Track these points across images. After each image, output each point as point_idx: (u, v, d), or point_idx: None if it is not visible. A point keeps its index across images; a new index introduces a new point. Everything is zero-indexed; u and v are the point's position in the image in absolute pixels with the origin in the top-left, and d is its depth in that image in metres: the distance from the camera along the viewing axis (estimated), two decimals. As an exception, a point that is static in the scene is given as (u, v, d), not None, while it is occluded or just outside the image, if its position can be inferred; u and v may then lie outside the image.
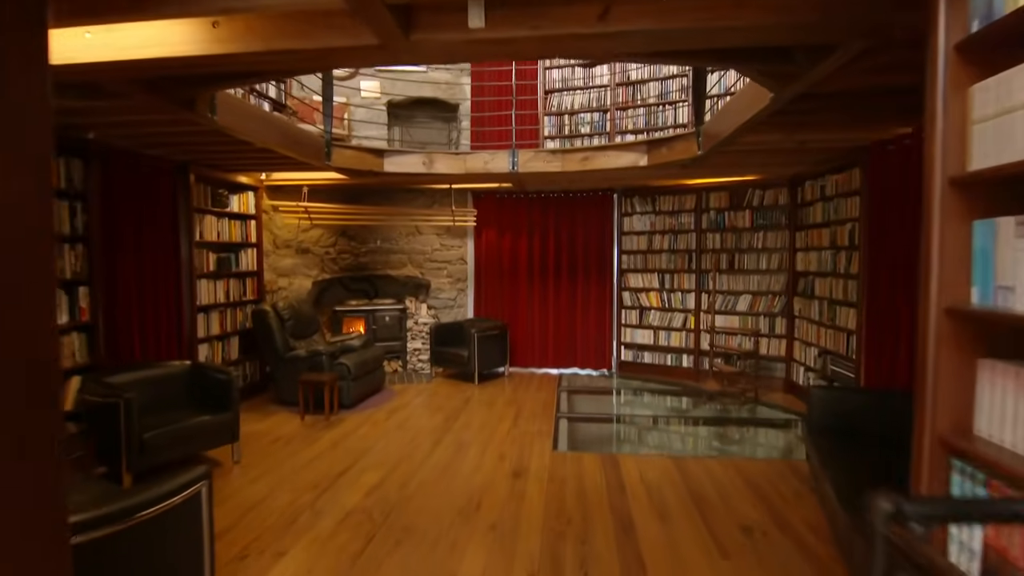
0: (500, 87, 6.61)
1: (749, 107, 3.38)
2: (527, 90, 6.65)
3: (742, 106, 3.51)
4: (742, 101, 3.52)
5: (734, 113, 3.67)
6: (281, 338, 5.33)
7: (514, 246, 6.99)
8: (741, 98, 3.55)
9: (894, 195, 3.84)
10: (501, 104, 6.66)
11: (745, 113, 3.45)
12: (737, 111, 3.60)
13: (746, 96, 3.45)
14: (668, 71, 6.21)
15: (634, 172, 5.41)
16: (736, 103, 3.63)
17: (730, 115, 3.75)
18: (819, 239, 5.13)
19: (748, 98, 3.41)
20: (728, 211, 6.09)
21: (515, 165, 5.33)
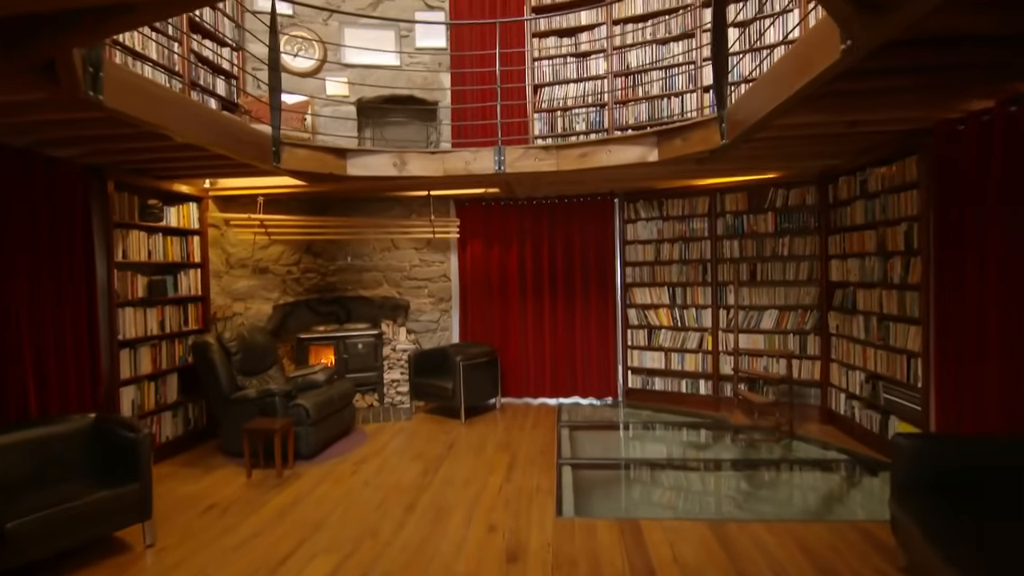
0: (483, 77, 5.85)
1: (796, 75, 2.61)
2: (514, 84, 5.88)
3: (784, 77, 2.74)
4: (785, 70, 2.75)
5: (772, 88, 2.90)
6: (226, 375, 4.45)
7: (503, 260, 6.18)
8: (783, 68, 2.77)
9: (973, 186, 3.07)
10: (485, 97, 5.89)
11: (789, 84, 2.68)
12: (777, 85, 2.83)
13: (790, 64, 2.69)
14: (674, 58, 5.48)
15: (642, 170, 4.64)
16: (776, 75, 2.86)
17: (767, 91, 2.98)
18: (861, 244, 4.36)
19: (793, 66, 2.64)
20: (747, 214, 5.32)
21: (501, 164, 4.54)
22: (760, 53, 4.95)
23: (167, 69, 4.46)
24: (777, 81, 2.84)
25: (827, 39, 2.25)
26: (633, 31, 5.69)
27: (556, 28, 5.91)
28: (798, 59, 2.57)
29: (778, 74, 2.81)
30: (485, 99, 5.92)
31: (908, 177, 3.73)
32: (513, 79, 5.89)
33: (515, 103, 5.81)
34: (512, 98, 5.87)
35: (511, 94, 5.87)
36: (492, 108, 5.79)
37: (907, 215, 3.76)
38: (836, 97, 2.88)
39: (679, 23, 5.48)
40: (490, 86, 5.24)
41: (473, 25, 5.92)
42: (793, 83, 2.65)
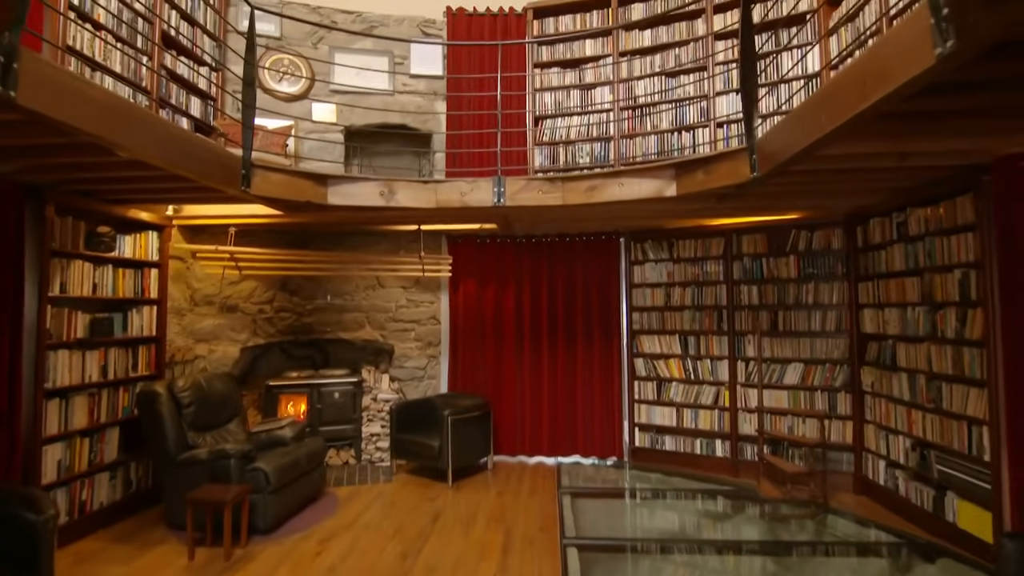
0: (481, 105, 5.49)
1: (860, 93, 2.19)
2: (513, 116, 5.52)
3: (842, 96, 2.32)
4: (843, 88, 2.34)
5: (823, 110, 2.49)
6: (175, 432, 3.81)
7: (499, 302, 5.66)
8: (842, 86, 2.36)
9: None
10: (482, 126, 5.51)
11: (849, 104, 2.26)
12: (831, 106, 2.42)
13: (852, 81, 2.28)
14: (684, 90, 5.16)
15: (656, 207, 4.21)
16: (831, 95, 2.45)
17: (814, 115, 2.57)
18: (900, 292, 3.90)
19: (857, 82, 2.23)
20: (767, 258, 4.89)
21: (501, 196, 4.09)
22: (789, 87, 4.64)
23: (132, 84, 4.02)
24: (830, 102, 2.42)
25: (914, 44, 1.83)
26: (640, 63, 5.39)
27: (559, 59, 5.61)
28: (866, 73, 2.15)
29: (833, 94, 2.40)
30: (483, 128, 5.55)
31: (962, 218, 3.31)
32: (512, 120, 5.53)
33: (514, 131, 5.43)
34: (511, 131, 5.49)
35: (510, 126, 5.50)
36: (490, 138, 5.42)
37: (961, 261, 3.32)
38: (898, 121, 2.47)
39: (689, 54, 5.19)
40: (490, 111, 4.85)
41: (472, 53, 5.61)
42: (856, 102, 2.22)
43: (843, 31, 4.39)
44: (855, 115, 2.26)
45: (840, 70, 2.32)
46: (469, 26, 5.69)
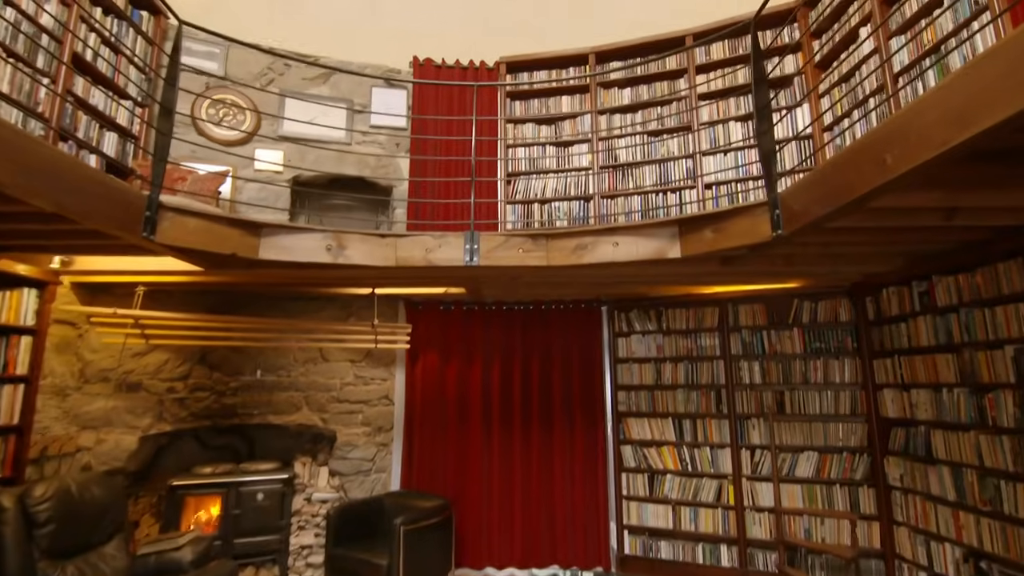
0: (447, 161, 4.97)
1: (947, 130, 1.73)
2: (484, 171, 5.03)
3: (922, 133, 1.86)
4: (918, 127, 1.87)
5: (884, 153, 2.02)
6: (17, 563, 2.74)
7: (464, 379, 4.88)
8: (915, 121, 1.90)
9: None
10: (449, 184, 4.97)
11: (930, 143, 1.80)
12: (902, 146, 1.95)
13: (927, 113, 1.82)
14: (667, 149, 4.81)
15: (653, 271, 3.66)
16: (895, 134, 1.98)
17: (872, 158, 2.10)
18: (932, 371, 3.42)
19: (938, 115, 1.78)
20: (767, 330, 4.38)
21: (474, 255, 3.44)
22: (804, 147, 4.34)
23: (22, 107, 3.26)
24: (902, 138, 1.95)
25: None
26: (621, 120, 5.06)
27: (534, 115, 5.23)
28: (966, 97, 1.69)
29: (907, 127, 1.93)
30: (450, 185, 5.00)
31: (1008, 287, 2.89)
32: (483, 170, 5.05)
33: (485, 185, 4.90)
34: (481, 190, 4.98)
35: (480, 184, 4.99)
36: (457, 192, 4.88)
37: (1013, 336, 2.86)
38: (983, 164, 2.02)
39: (672, 113, 4.90)
40: (460, 158, 4.32)
41: (439, 104, 5.16)
42: (946, 136, 1.75)
43: (836, 91, 4.18)
44: (943, 152, 1.77)
45: (919, 98, 1.86)
46: (437, 77, 5.28)
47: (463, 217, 4.86)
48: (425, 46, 5.39)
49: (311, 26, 5.21)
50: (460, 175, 4.97)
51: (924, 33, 3.35)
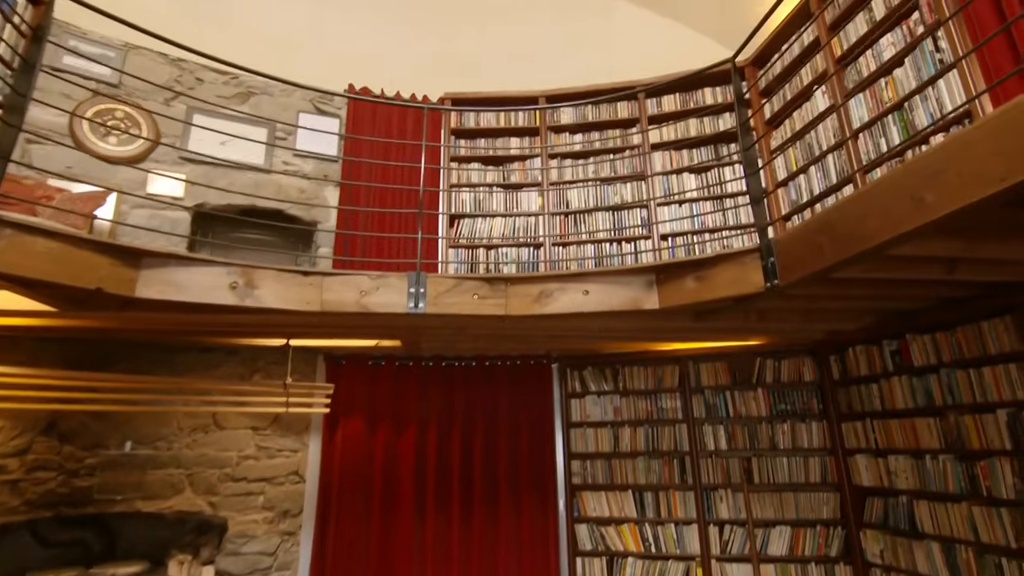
0: (383, 196, 4.44)
1: (1009, 164, 1.49)
2: (425, 213, 4.53)
3: (975, 167, 1.61)
4: (973, 159, 1.63)
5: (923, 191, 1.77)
6: None
7: (394, 449, 4.14)
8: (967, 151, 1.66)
9: None
10: (384, 219, 4.41)
11: (984, 180, 1.55)
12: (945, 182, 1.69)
13: (981, 143, 1.59)
14: (621, 196, 4.58)
15: (627, 324, 3.27)
16: (937, 169, 1.73)
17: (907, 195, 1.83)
18: (909, 436, 3.20)
19: (998, 145, 1.54)
20: (731, 391, 4.08)
21: (420, 300, 2.87)
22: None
23: None
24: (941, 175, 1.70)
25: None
26: (572, 168, 4.80)
27: (480, 155, 4.86)
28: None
29: (953, 158, 1.67)
30: (386, 222, 4.44)
31: (996, 347, 2.74)
32: (426, 208, 4.55)
33: (425, 221, 4.39)
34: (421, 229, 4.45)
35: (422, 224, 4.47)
36: (396, 228, 4.33)
37: (1005, 399, 2.68)
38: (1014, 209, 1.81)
39: (625, 159, 4.71)
40: (410, 187, 3.81)
41: (376, 134, 4.66)
42: (1008, 170, 1.49)
43: (792, 150, 4.16)
44: (1001, 190, 1.52)
45: (969, 128, 1.61)
46: (375, 109, 4.81)
47: (402, 256, 4.29)
48: (363, 75, 4.94)
49: (237, 42, 4.59)
50: (394, 217, 4.44)
51: (884, 91, 3.36)
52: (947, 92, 2.94)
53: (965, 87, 2.81)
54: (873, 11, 3.42)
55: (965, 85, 2.83)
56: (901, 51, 3.22)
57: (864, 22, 3.49)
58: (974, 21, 2.78)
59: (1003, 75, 2.67)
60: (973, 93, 2.77)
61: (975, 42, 2.78)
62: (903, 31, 3.23)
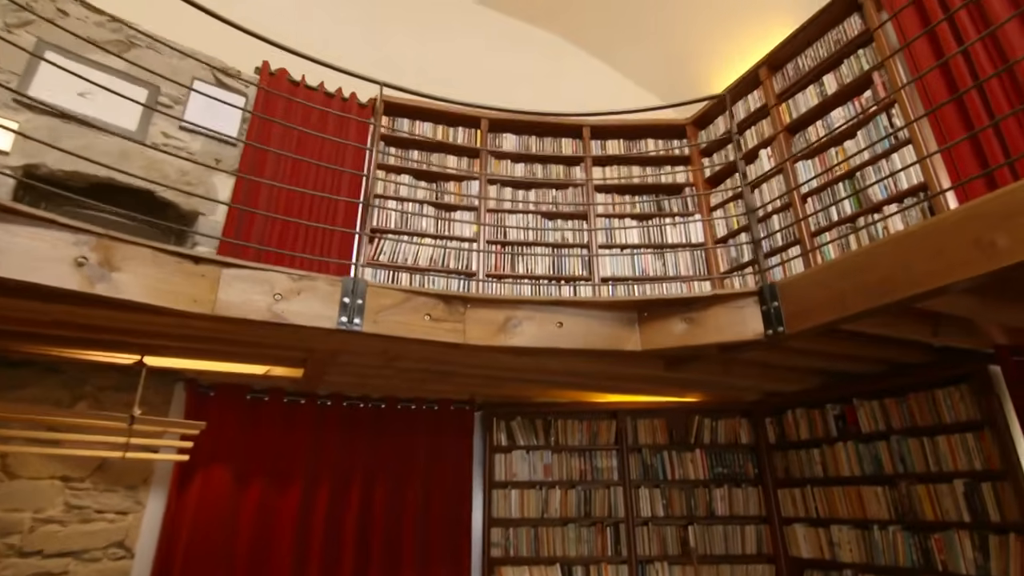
0: (290, 196, 3.68)
1: None
2: (341, 221, 3.84)
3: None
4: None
5: (993, 233, 1.62)
6: None
7: (268, 512, 3.20)
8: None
9: None
10: (287, 226, 3.63)
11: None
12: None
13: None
14: (562, 235, 4.28)
15: (594, 367, 2.83)
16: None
17: (965, 239, 1.68)
18: (855, 505, 3.10)
19: None
20: (669, 450, 3.79)
21: (355, 314, 2.20)
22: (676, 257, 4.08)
23: None
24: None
25: None
26: (513, 196, 4.44)
27: (412, 167, 4.31)
28: None
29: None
30: (288, 233, 3.65)
31: (951, 416, 2.73)
32: (341, 217, 3.86)
33: (339, 231, 3.70)
34: (333, 245, 3.73)
35: (337, 237, 3.77)
36: (295, 233, 3.59)
37: (962, 469, 2.65)
38: None
39: (568, 199, 4.46)
40: (330, 194, 3.17)
41: (289, 128, 3.92)
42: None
43: (732, 206, 4.19)
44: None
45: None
46: (292, 93, 4.08)
47: (316, 264, 3.53)
48: (282, 56, 4.20)
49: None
50: (311, 211, 3.69)
51: (834, 159, 3.47)
52: (900, 162, 3.06)
53: (923, 167, 2.93)
54: (825, 85, 3.59)
55: (920, 159, 2.97)
56: (853, 124, 3.36)
57: (815, 95, 3.65)
58: (928, 95, 2.94)
59: (958, 150, 2.82)
60: (929, 166, 2.89)
61: (931, 116, 2.92)
62: (855, 106, 3.39)
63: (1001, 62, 2.60)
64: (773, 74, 3.98)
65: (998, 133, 2.61)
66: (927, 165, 2.90)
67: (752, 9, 4.16)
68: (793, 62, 3.83)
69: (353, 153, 4.13)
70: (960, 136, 2.78)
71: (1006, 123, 2.57)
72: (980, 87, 2.65)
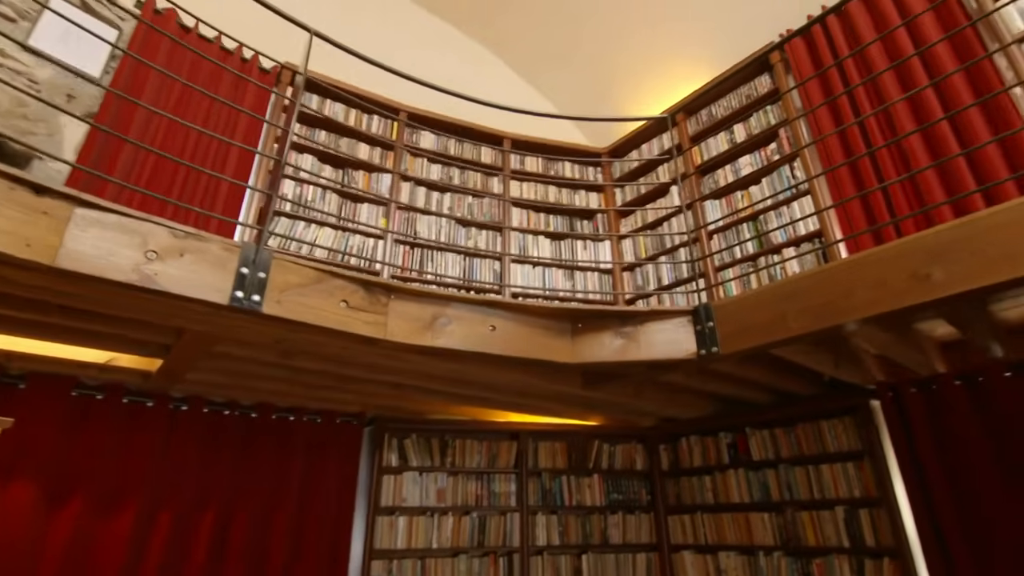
0: (158, 162, 3.07)
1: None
2: (229, 197, 3.27)
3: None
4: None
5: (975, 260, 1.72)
6: None
7: (87, 537, 2.48)
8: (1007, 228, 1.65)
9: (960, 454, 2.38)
10: (158, 187, 3.01)
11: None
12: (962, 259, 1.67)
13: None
14: (475, 243, 4.08)
15: (515, 378, 2.60)
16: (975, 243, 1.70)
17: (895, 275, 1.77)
18: (743, 531, 3.19)
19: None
20: (568, 475, 3.66)
21: (254, 289, 1.78)
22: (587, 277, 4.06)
23: None
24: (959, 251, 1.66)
25: None
26: (427, 196, 4.16)
27: (319, 147, 3.86)
28: None
29: (968, 240, 1.65)
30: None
31: (835, 446, 2.93)
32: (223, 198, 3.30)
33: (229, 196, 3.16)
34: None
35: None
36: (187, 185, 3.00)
37: (843, 497, 2.84)
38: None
39: (484, 210, 4.29)
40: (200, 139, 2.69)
41: (175, 67, 3.31)
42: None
43: (641, 238, 4.31)
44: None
45: (996, 209, 1.61)
46: (180, 37, 3.46)
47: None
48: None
49: None
50: (191, 189, 3.09)
51: (739, 202, 3.71)
52: (799, 211, 3.34)
53: (819, 217, 3.21)
54: (735, 134, 3.86)
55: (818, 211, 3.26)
56: (758, 172, 3.63)
57: (725, 141, 3.91)
58: (827, 154, 3.25)
59: (847, 199, 3.14)
60: (825, 217, 3.17)
61: (825, 167, 3.23)
62: (761, 156, 3.67)
63: (891, 133, 2.96)
64: (688, 117, 4.22)
65: (885, 194, 2.93)
66: (823, 216, 3.18)
67: (674, 55, 4.41)
68: (707, 109, 4.09)
69: (249, 125, 3.58)
70: (852, 194, 3.08)
71: (892, 186, 2.90)
72: (872, 154, 2.99)
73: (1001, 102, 2.58)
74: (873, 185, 2.97)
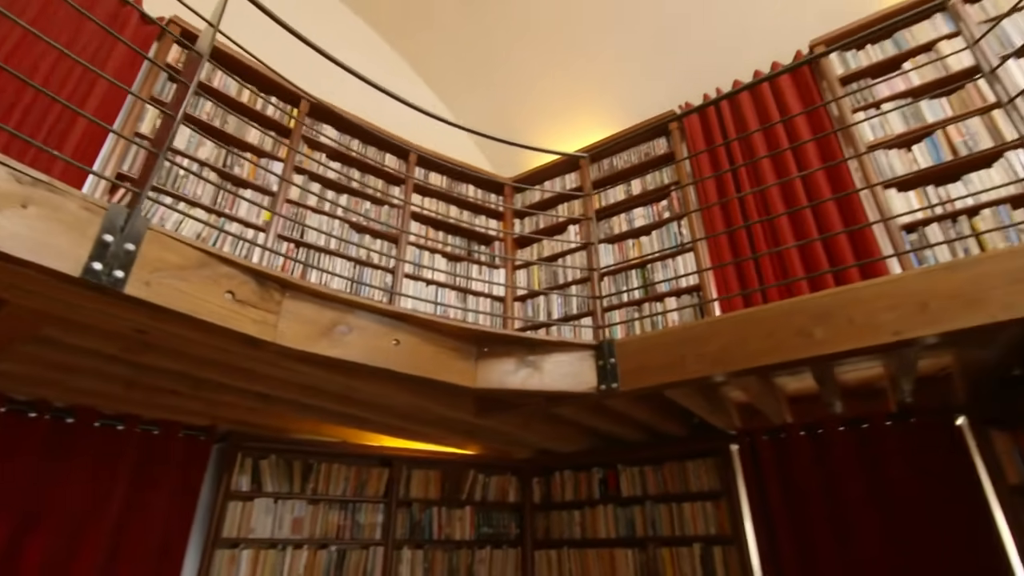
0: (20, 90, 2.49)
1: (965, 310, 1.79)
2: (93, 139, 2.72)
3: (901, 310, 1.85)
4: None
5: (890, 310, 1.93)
6: None
7: None
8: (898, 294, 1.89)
9: (801, 498, 2.70)
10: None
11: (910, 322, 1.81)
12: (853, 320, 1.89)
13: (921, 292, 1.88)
14: (368, 255, 3.83)
15: (413, 403, 2.42)
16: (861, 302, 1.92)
17: (783, 329, 1.97)
18: (604, 567, 3.26)
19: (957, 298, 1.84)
20: (440, 506, 3.47)
21: (116, 263, 1.44)
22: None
23: None
24: (835, 315, 1.89)
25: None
26: (321, 193, 3.84)
27: (206, 121, 3.38)
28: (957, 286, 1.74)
29: (843, 306, 1.88)
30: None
31: (697, 485, 3.14)
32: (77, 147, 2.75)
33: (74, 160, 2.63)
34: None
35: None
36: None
37: (700, 534, 3.03)
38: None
39: (383, 217, 4.07)
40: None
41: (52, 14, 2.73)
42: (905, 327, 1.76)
43: (535, 269, 4.38)
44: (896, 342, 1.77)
45: (874, 282, 1.85)
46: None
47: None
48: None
49: None
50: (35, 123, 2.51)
51: (631, 249, 3.94)
52: (683, 266, 3.63)
53: (699, 275, 3.52)
54: (631, 186, 4.13)
55: (699, 271, 3.57)
56: (650, 225, 3.91)
57: (622, 192, 4.17)
58: (710, 220, 3.60)
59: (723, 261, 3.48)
60: (704, 276, 3.48)
61: (708, 231, 3.57)
62: (653, 211, 3.96)
63: (765, 211, 3.36)
64: (591, 164, 4.45)
65: (756, 264, 3.30)
66: (703, 274, 3.49)
67: (582, 103, 4.64)
68: (609, 160, 4.34)
69: (116, 74, 3.05)
70: (729, 259, 3.44)
71: (763, 258, 3.27)
72: (748, 227, 3.36)
73: (853, 199, 3.06)
74: (747, 253, 3.34)
